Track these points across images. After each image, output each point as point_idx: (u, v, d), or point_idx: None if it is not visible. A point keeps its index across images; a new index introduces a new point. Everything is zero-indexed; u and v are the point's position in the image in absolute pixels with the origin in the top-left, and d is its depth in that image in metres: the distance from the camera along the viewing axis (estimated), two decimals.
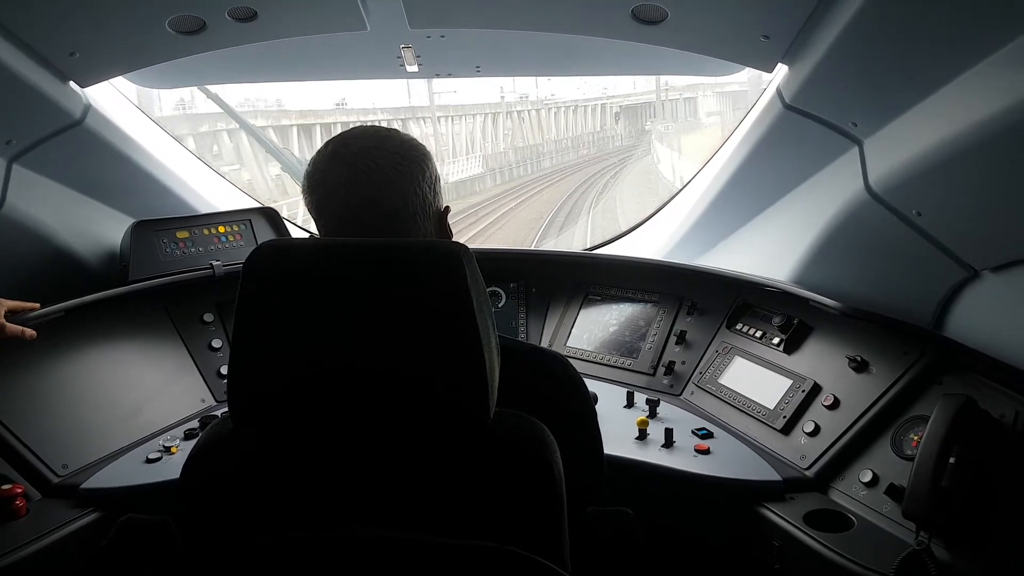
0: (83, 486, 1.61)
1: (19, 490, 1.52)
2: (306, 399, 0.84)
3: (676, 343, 2.16)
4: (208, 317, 2.17)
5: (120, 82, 2.02)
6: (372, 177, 1.02)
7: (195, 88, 2.45)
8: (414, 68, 2.04)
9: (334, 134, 1.10)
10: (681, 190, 2.58)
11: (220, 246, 2.26)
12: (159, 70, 1.84)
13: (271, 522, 0.88)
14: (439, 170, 1.12)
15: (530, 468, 0.88)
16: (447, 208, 1.13)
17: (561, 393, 1.13)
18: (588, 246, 2.82)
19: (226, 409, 0.89)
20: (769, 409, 1.80)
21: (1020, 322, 1.49)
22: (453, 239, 1.08)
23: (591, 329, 2.34)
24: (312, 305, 0.83)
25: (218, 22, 1.57)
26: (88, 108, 1.81)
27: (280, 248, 0.87)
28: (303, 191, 1.08)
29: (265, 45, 1.72)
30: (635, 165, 25.23)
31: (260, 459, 0.89)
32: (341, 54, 2.03)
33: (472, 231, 14.78)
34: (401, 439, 0.87)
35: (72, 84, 1.74)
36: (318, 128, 18.17)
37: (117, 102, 2.04)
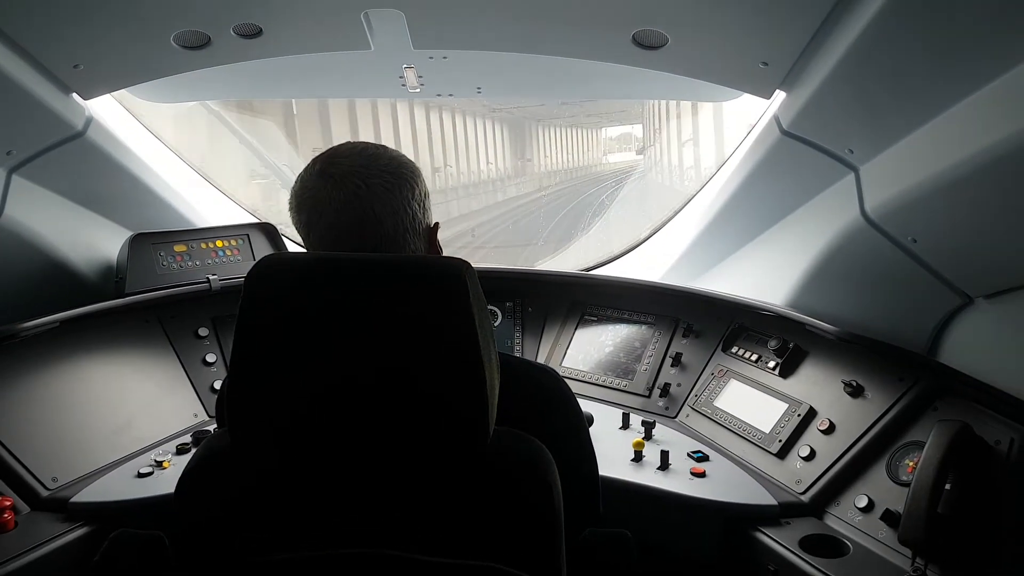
0: (73, 500, 1.59)
1: (8, 503, 1.51)
2: (306, 416, 0.83)
3: (672, 365, 2.16)
4: (203, 331, 2.16)
5: (122, 95, 2.03)
6: (362, 198, 1.01)
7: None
8: (416, 88, 2.06)
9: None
10: (678, 212, 2.60)
11: (217, 260, 2.26)
12: (162, 84, 1.85)
13: (267, 540, 0.87)
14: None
15: (529, 488, 0.87)
16: (436, 224, 1.13)
17: (551, 407, 1.12)
18: (584, 267, 2.83)
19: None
20: (764, 433, 1.80)
21: (1014, 349, 1.50)
22: (443, 255, 1.08)
23: (587, 350, 2.34)
24: (314, 321, 0.82)
25: (223, 38, 1.58)
26: (90, 120, 1.81)
27: (282, 262, 0.86)
28: (291, 209, 1.07)
29: (269, 61, 1.73)
30: None
31: (258, 476, 0.89)
32: (344, 72, 2.05)
33: None
34: (401, 457, 0.87)
35: (75, 96, 1.74)
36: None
37: (119, 115, 2.05)
